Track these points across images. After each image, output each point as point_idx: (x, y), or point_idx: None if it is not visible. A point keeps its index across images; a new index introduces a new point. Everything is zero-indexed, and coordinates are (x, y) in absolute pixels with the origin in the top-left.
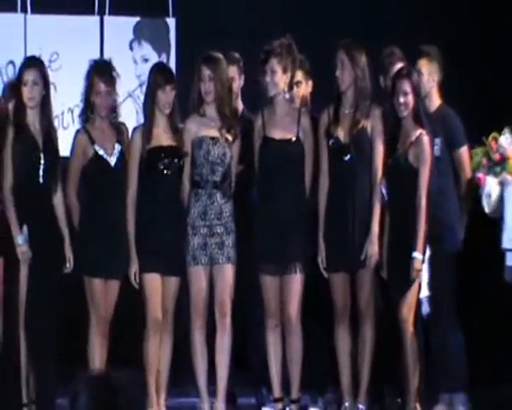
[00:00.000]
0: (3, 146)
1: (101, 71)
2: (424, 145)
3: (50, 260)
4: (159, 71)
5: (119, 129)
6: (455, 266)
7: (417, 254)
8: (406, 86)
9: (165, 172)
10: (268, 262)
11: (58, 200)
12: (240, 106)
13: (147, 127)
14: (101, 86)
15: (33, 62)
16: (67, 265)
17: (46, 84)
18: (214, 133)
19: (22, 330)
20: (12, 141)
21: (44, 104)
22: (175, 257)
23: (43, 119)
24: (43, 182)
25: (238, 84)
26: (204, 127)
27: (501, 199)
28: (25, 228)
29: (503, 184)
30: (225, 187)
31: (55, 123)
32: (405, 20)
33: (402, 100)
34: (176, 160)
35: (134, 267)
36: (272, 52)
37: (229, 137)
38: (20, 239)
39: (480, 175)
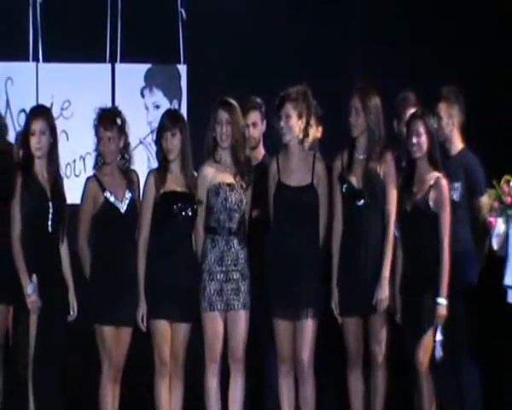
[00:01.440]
0: (12, 195)
1: (102, 118)
2: (443, 190)
3: (59, 308)
4: (169, 116)
5: (129, 176)
6: (468, 305)
7: (442, 301)
8: (420, 127)
9: (178, 217)
10: (281, 307)
11: (64, 248)
12: (261, 151)
13: (160, 172)
14: (103, 133)
15: (40, 112)
16: (71, 312)
17: (53, 133)
18: (230, 180)
19: (30, 379)
20: (20, 190)
21: (52, 153)
22: (186, 303)
23: (50, 167)
24: (51, 231)
25: (260, 129)
26: (219, 174)
27: (507, 237)
28: (34, 277)
29: (508, 222)
30: (241, 233)
31: (67, 171)
32: (423, 61)
33: (415, 140)
34: (189, 205)
35: (142, 311)
36: (287, 97)
37: (244, 184)
38: (30, 289)
39: (491, 219)
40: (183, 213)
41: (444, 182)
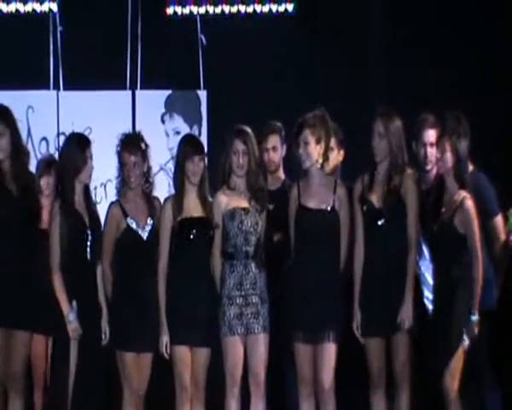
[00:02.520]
0: (51, 224)
1: (127, 143)
2: (469, 210)
3: (97, 334)
4: (187, 142)
5: (151, 203)
6: (489, 324)
7: (475, 317)
8: (445, 145)
9: (196, 242)
10: (301, 331)
11: (99, 274)
12: (282, 175)
13: (177, 198)
14: (128, 158)
15: (90, 142)
16: (103, 337)
17: (91, 160)
18: (245, 204)
19: (69, 406)
20: (59, 218)
21: (89, 180)
22: (206, 328)
23: (86, 195)
24: (89, 258)
25: (280, 153)
26: (234, 199)
27: None
28: (74, 304)
29: None
30: (259, 257)
31: None
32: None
33: (440, 157)
34: (206, 231)
35: (165, 339)
36: (305, 123)
37: (258, 207)
38: (72, 316)
39: None
40: (201, 239)
41: (469, 202)
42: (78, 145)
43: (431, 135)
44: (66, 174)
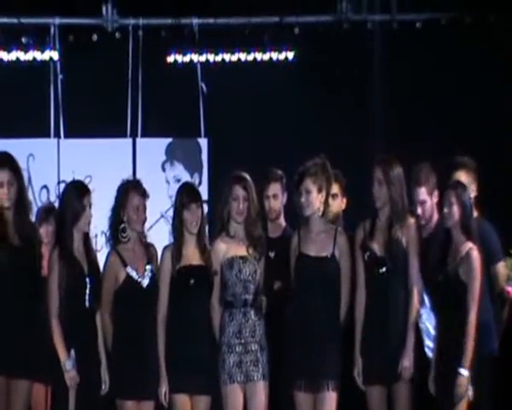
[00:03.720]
0: (49, 272)
1: (134, 186)
2: (474, 261)
3: (96, 382)
4: (184, 190)
5: (148, 250)
6: (492, 370)
7: (464, 371)
8: (451, 197)
9: (195, 290)
10: (301, 379)
11: (99, 322)
12: (282, 223)
13: (176, 247)
14: (136, 200)
15: (89, 191)
16: (103, 387)
17: (90, 208)
18: (243, 252)
19: None
20: (58, 266)
21: (89, 228)
22: (206, 376)
23: (86, 242)
24: (88, 305)
25: (281, 201)
26: (232, 247)
27: None
28: (72, 352)
29: None
30: (258, 304)
31: None
32: (439, 133)
33: (446, 210)
34: (205, 279)
35: (164, 387)
36: (307, 172)
37: (257, 255)
38: (68, 365)
39: (508, 288)
40: (200, 287)
41: (475, 253)
42: (75, 193)
43: (421, 193)
44: (64, 222)
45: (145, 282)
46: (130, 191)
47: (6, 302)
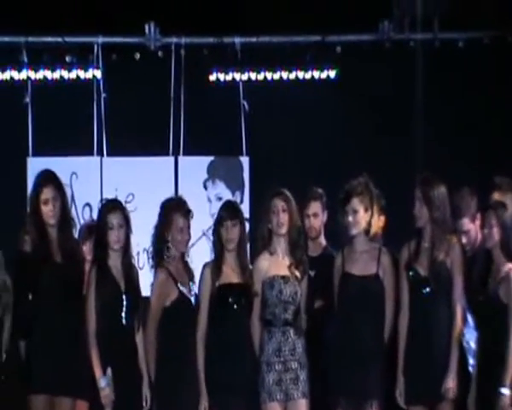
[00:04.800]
0: (87, 290)
1: (178, 206)
2: None
3: (134, 401)
4: (223, 207)
5: (189, 268)
6: None
7: (506, 391)
8: (492, 219)
9: (234, 309)
10: (344, 398)
11: (140, 339)
12: (323, 242)
13: (216, 264)
14: (181, 221)
15: (116, 206)
16: (144, 404)
17: (129, 226)
18: (284, 272)
19: None
20: (95, 284)
21: (127, 245)
22: (245, 394)
23: (124, 260)
24: (125, 323)
25: (321, 219)
26: (274, 266)
27: None
28: (109, 371)
29: None
30: (297, 323)
31: None
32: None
33: (486, 231)
34: (245, 297)
35: (203, 404)
36: (354, 192)
37: (299, 275)
38: (103, 382)
39: None
40: (240, 305)
41: None
42: (104, 211)
43: (465, 224)
44: (100, 240)
45: (193, 299)
46: (175, 212)
47: (50, 320)
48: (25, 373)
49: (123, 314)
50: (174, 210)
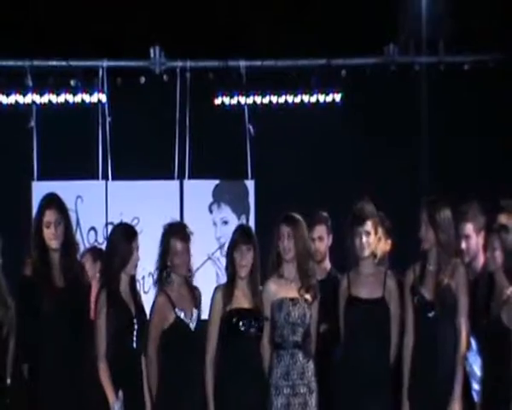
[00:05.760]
0: (97, 314)
1: (175, 231)
2: None
3: None
4: (236, 231)
5: (194, 292)
6: None
7: None
8: (494, 241)
9: (245, 334)
10: None
11: (144, 363)
12: (328, 265)
13: (227, 288)
14: (178, 245)
15: (136, 233)
16: None
17: (137, 250)
18: (293, 294)
19: None
20: (106, 308)
21: (135, 270)
22: None
23: (132, 284)
24: (136, 346)
25: (326, 243)
26: (283, 288)
27: None
28: (120, 394)
29: None
30: (307, 346)
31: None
32: (486, 176)
33: (489, 255)
34: (256, 322)
35: None
36: (368, 214)
37: (309, 298)
38: (117, 406)
39: None
40: (251, 331)
41: None
42: (124, 236)
43: (467, 228)
44: (112, 265)
45: (193, 325)
46: (172, 237)
47: (52, 344)
48: (29, 397)
49: (133, 338)
50: (171, 235)
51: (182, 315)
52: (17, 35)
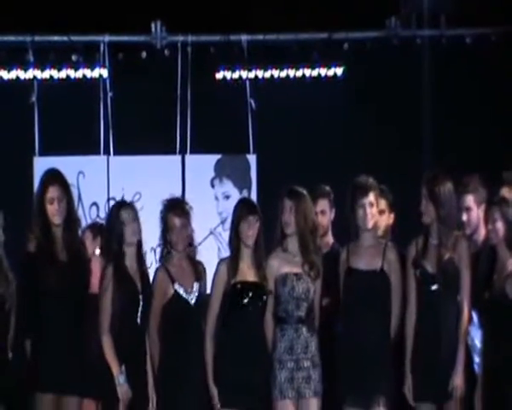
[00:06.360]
0: (103, 288)
1: (172, 207)
2: None
3: (144, 400)
4: (242, 203)
5: (197, 267)
6: None
7: None
8: (495, 213)
9: (249, 307)
10: (352, 395)
11: (147, 339)
12: (330, 239)
13: (232, 261)
14: (175, 221)
15: (126, 202)
16: (150, 405)
17: (140, 223)
18: (297, 269)
19: None
20: (112, 283)
21: (141, 243)
22: (258, 393)
23: (139, 259)
24: (140, 323)
25: (329, 217)
26: (287, 263)
27: None
28: (123, 368)
29: None
30: (310, 321)
31: None
32: (489, 149)
33: (491, 227)
34: (260, 296)
35: (216, 401)
36: (371, 187)
37: (312, 273)
38: (122, 379)
39: None
40: (255, 304)
41: None
42: (114, 209)
43: (468, 200)
44: (112, 240)
45: (193, 299)
46: (169, 213)
47: (55, 319)
48: (31, 372)
49: (138, 314)
50: (169, 211)
51: (181, 290)
52: (18, 10)
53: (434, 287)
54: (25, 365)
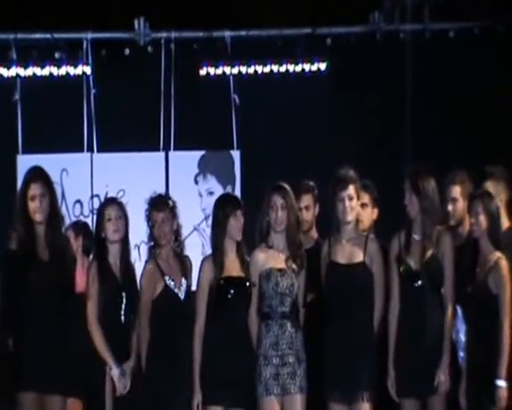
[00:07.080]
0: (89, 286)
1: (154, 203)
2: (503, 270)
3: (131, 398)
4: (226, 200)
5: (184, 262)
6: None
7: (501, 383)
8: (478, 207)
9: (234, 302)
10: (335, 390)
11: (134, 335)
12: (315, 234)
13: (217, 257)
14: (156, 216)
15: (113, 200)
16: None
17: (127, 219)
18: (281, 264)
19: None
20: (97, 280)
21: (126, 239)
22: (242, 388)
23: (123, 255)
24: (124, 321)
25: (313, 212)
26: (271, 259)
27: None
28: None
29: None
30: (295, 317)
31: None
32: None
33: (473, 220)
34: (245, 290)
35: (197, 399)
36: (351, 180)
37: (296, 268)
38: (117, 371)
39: None
40: (240, 298)
41: (503, 262)
42: (99, 209)
43: (454, 191)
44: (97, 237)
45: (182, 294)
46: (152, 209)
47: (38, 319)
48: (14, 371)
49: (121, 312)
50: (151, 207)
51: (171, 284)
52: (1, 8)
53: (418, 283)
54: (8, 364)
